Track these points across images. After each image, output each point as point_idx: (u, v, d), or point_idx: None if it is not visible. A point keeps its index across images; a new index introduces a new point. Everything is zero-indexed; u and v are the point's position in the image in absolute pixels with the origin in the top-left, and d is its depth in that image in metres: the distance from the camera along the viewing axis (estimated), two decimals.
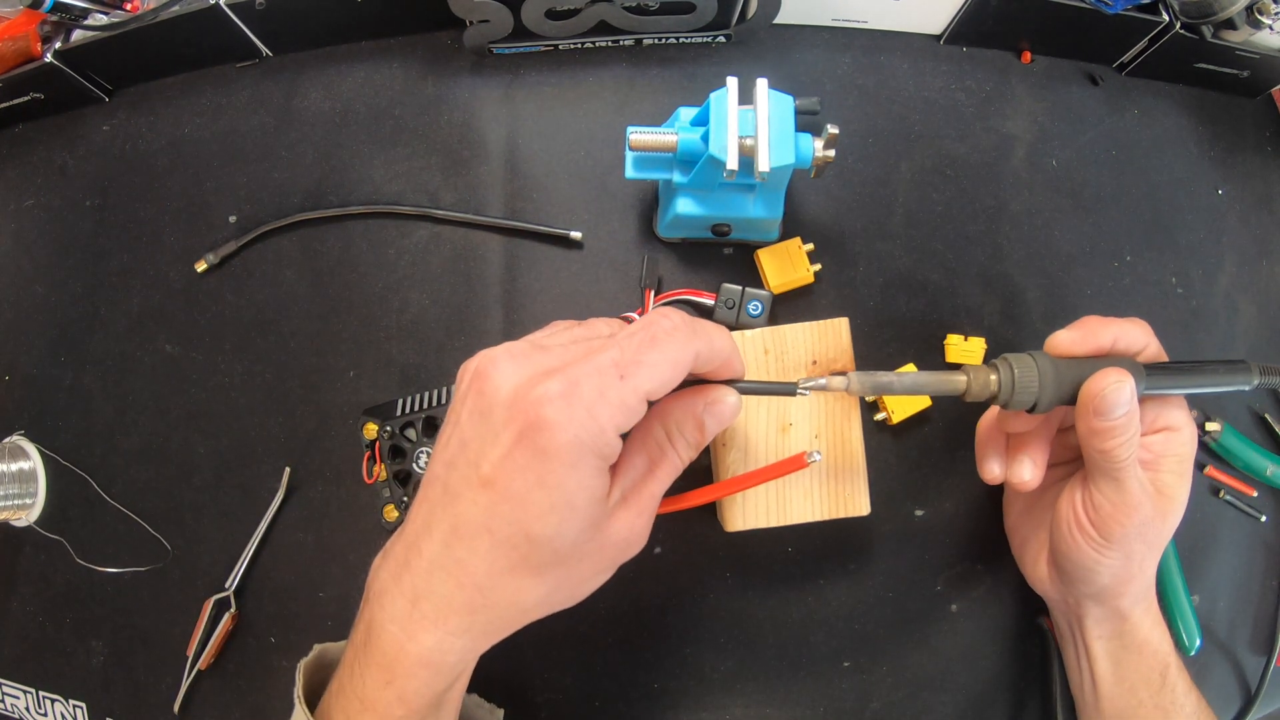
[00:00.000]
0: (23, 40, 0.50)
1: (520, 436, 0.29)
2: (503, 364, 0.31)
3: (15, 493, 0.51)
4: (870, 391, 0.36)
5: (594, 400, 0.29)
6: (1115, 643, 0.43)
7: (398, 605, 0.31)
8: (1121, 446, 0.37)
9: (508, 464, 0.29)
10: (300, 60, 0.55)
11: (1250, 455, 0.52)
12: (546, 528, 0.30)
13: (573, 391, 0.29)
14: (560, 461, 0.29)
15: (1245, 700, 0.53)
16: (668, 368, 0.31)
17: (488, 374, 0.31)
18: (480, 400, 0.31)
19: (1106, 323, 0.38)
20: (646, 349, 0.30)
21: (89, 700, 0.51)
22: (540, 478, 0.29)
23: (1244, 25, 0.50)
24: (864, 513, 0.43)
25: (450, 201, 0.52)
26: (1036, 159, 0.54)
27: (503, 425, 0.29)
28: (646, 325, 0.31)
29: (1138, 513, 0.38)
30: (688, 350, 0.31)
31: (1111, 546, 0.39)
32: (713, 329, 0.33)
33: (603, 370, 0.30)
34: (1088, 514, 0.39)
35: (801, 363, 0.43)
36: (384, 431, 0.44)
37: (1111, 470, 0.38)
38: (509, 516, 0.30)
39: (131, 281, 0.54)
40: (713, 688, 0.49)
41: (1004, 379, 0.37)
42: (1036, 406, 0.37)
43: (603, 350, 0.30)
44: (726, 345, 0.33)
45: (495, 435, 0.30)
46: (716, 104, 0.41)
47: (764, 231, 0.50)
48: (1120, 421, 0.36)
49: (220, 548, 0.50)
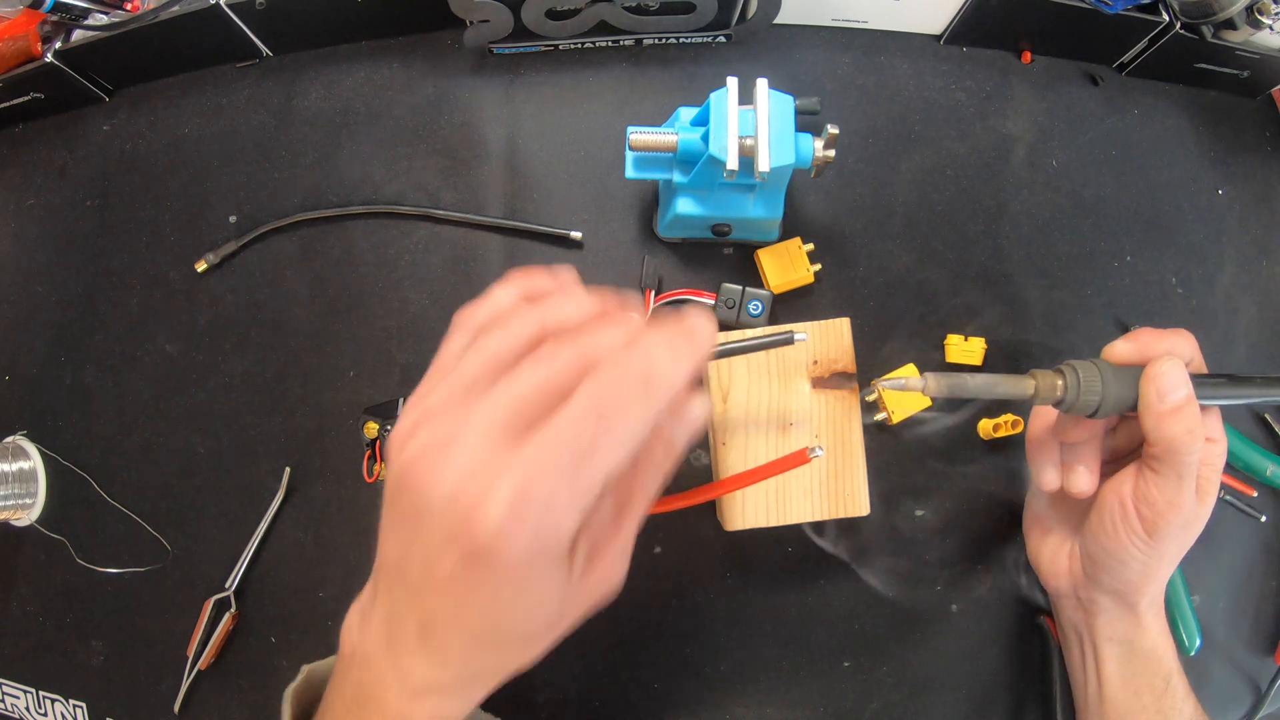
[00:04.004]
0: (23, 40, 0.50)
1: (468, 558, 0.26)
2: (429, 464, 0.26)
3: (15, 492, 0.51)
4: (945, 392, 0.37)
5: (547, 504, 0.25)
6: (1125, 646, 0.44)
7: (388, 675, 0.31)
8: (1192, 436, 0.37)
9: (460, 580, 0.27)
10: (300, 60, 0.55)
11: (1250, 455, 0.52)
12: (515, 623, 0.29)
13: (522, 503, 0.25)
14: (516, 573, 0.26)
15: (1251, 702, 0.53)
16: (630, 444, 0.26)
17: (415, 474, 0.26)
18: (410, 503, 0.27)
19: (1160, 336, 0.39)
20: (601, 432, 0.26)
21: (89, 700, 0.51)
22: (498, 588, 0.27)
23: (1244, 25, 0.50)
24: (864, 512, 0.43)
25: (450, 201, 0.52)
26: (1036, 159, 0.54)
27: (445, 540, 0.26)
28: (594, 398, 0.26)
29: (1184, 512, 0.39)
30: (648, 416, 0.27)
31: (1152, 542, 0.40)
32: (665, 358, 0.27)
33: (554, 468, 0.25)
34: (1137, 507, 0.40)
35: (802, 363, 0.43)
36: (384, 430, 0.44)
37: (1178, 465, 0.38)
38: (477, 616, 0.28)
39: (131, 281, 0.54)
40: (713, 688, 0.49)
41: (1070, 382, 0.37)
42: (1099, 410, 0.38)
43: (551, 443, 0.25)
44: (689, 361, 0.28)
45: (438, 545, 0.26)
46: (716, 104, 0.41)
47: (764, 231, 0.50)
48: (1185, 401, 0.37)
49: (220, 548, 0.50)
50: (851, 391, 0.43)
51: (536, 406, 0.27)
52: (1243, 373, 0.41)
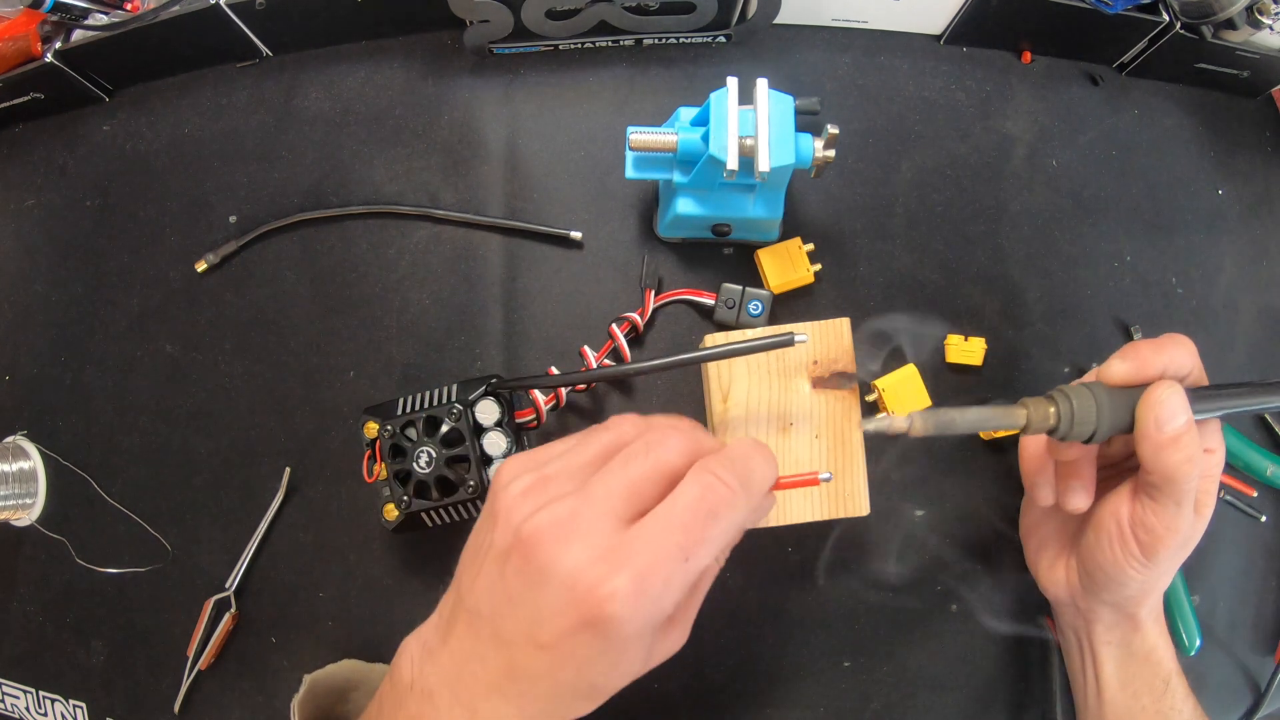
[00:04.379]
0: (23, 40, 0.50)
1: (584, 623, 0.29)
2: (553, 538, 0.29)
3: (16, 493, 0.51)
4: (933, 431, 0.36)
5: (661, 590, 0.29)
6: (1123, 649, 0.43)
7: (455, 712, 0.31)
8: (1190, 465, 0.36)
9: (570, 640, 0.29)
10: (300, 60, 0.55)
11: (1250, 455, 0.52)
12: (609, 680, 0.31)
13: (641, 587, 0.28)
14: (625, 642, 0.29)
15: (1250, 702, 0.53)
16: (729, 537, 0.31)
17: (538, 546, 0.29)
18: (529, 568, 0.30)
19: (1157, 350, 0.37)
20: (709, 525, 0.30)
21: (89, 700, 0.51)
22: (603, 651, 0.29)
23: (1244, 25, 0.50)
24: (864, 513, 0.43)
25: (450, 201, 0.52)
26: (1036, 159, 0.54)
27: (564, 605, 0.29)
28: (704, 492, 0.30)
29: (1181, 534, 0.38)
30: (746, 515, 0.31)
31: (1150, 564, 0.39)
32: (760, 468, 0.32)
33: (670, 557, 0.29)
34: (1135, 532, 0.39)
35: (802, 363, 0.43)
36: (385, 430, 0.44)
37: (1176, 493, 0.37)
38: (571, 673, 0.30)
39: (131, 281, 0.54)
40: (712, 688, 0.49)
41: (1063, 411, 0.37)
42: (1094, 436, 0.37)
43: (666, 533, 0.29)
44: (771, 477, 0.33)
45: (554, 612, 0.29)
46: (716, 104, 0.41)
47: (764, 231, 0.50)
48: (1184, 430, 0.36)
49: (220, 548, 0.50)
50: (851, 391, 0.43)
51: (650, 487, 0.31)
52: (1242, 375, 0.41)
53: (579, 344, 0.50)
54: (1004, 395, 0.51)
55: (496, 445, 0.44)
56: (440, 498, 0.43)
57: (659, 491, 0.31)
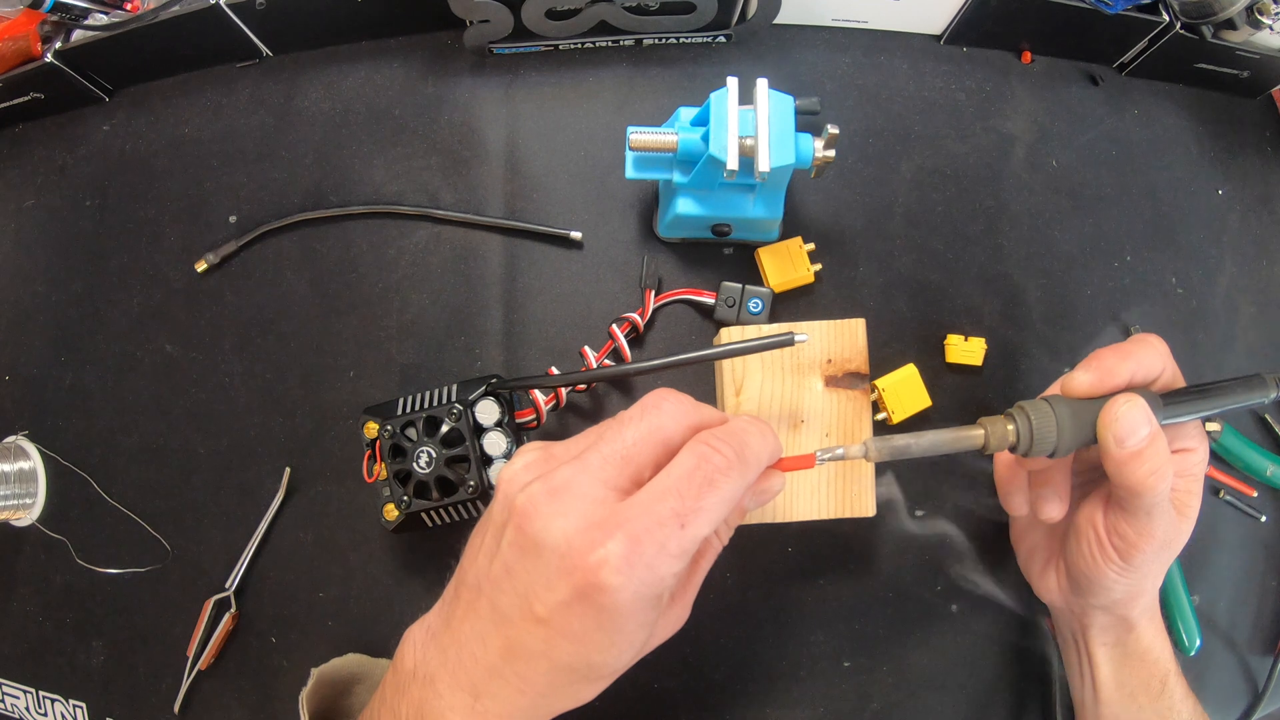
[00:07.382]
0: (23, 40, 0.50)
1: (578, 594, 0.28)
2: (547, 507, 0.29)
3: (16, 493, 0.51)
4: (888, 457, 0.36)
5: (655, 556, 0.28)
6: (1119, 650, 0.43)
7: (457, 698, 0.31)
8: (1156, 477, 0.35)
9: (565, 612, 0.29)
10: (300, 60, 0.55)
11: (1250, 455, 0.52)
12: (607, 658, 0.30)
13: (634, 552, 0.28)
14: (620, 614, 0.29)
15: (1250, 701, 0.53)
16: (726, 508, 0.30)
17: (532, 514, 0.30)
18: (523, 538, 0.30)
19: (1121, 358, 0.36)
20: (705, 493, 0.29)
21: (89, 700, 0.51)
22: (599, 624, 0.29)
23: (1244, 25, 0.50)
24: (869, 513, 0.43)
25: (450, 201, 0.52)
26: (1036, 159, 0.54)
27: (556, 575, 0.29)
28: (700, 461, 0.30)
29: (1157, 539, 0.38)
30: (743, 486, 0.31)
31: (1130, 568, 0.39)
32: (757, 441, 0.32)
33: (664, 523, 0.29)
34: (1111, 539, 0.39)
35: (816, 361, 0.43)
36: (385, 430, 0.44)
37: (1145, 505, 0.37)
38: (568, 650, 0.30)
39: (131, 281, 0.54)
40: (712, 688, 0.49)
41: (1021, 430, 0.36)
42: (1056, 452, 0.36)
43: (661, 499, 0.29)
44: (769, 453, 0.32)
45: (548, 581, 0.29)
46: (717, 104, 0.41)
47: (764, 231, 0.50)
48: (1145, 443, 0.35)
49: (220, 548, 0.50)
50: (863, 392, 0.43)
51: (647, 453, 0.31)
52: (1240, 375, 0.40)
53: (579, 344, 0.50)
54: (1004, 395, 0.51)
55: (496, 445, 0.44)
56: (440, 498, 0.43)
57: (656, 460, 0.31)
